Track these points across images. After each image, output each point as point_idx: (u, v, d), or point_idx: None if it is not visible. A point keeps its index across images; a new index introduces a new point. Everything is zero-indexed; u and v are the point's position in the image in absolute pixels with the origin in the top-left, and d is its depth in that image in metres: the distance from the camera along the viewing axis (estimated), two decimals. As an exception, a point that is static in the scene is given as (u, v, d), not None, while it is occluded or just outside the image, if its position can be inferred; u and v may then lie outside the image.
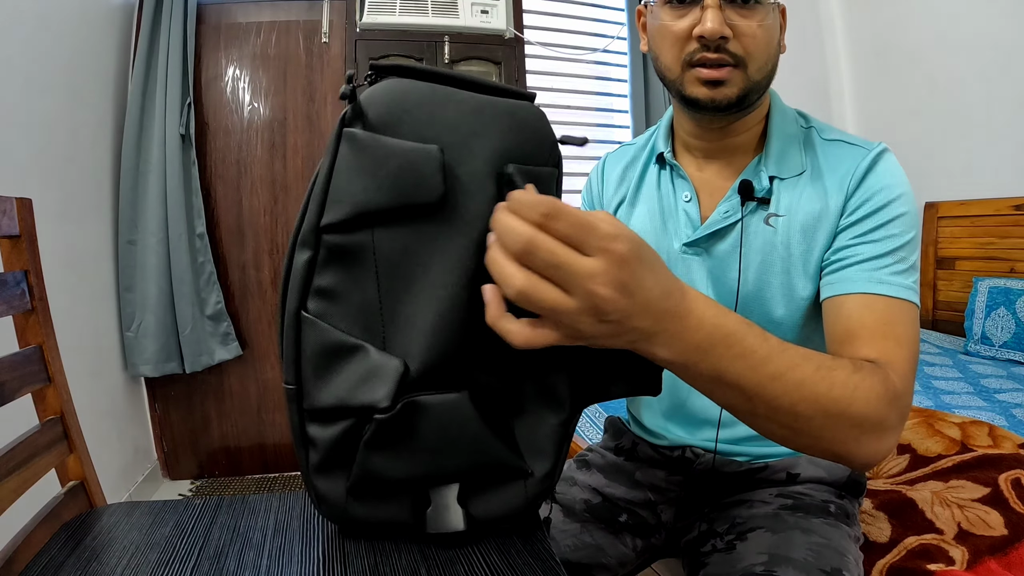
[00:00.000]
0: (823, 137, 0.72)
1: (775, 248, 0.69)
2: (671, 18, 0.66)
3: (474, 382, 0.44)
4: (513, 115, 0.45)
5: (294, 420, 0.44)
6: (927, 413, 1.37)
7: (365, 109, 0.41)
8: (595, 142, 2.60)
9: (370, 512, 0.45)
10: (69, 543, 0.52)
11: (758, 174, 0.71)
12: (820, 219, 0.67)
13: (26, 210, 0.61)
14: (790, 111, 0.74)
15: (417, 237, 0.41)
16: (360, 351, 0.42)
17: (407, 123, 0.42)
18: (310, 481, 0.45)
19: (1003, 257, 2.18)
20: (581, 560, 0.75)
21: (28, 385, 0.58)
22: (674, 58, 0.67)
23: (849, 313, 0.61)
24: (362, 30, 2.21)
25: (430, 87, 0.43)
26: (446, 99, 0.43)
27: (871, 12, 2.63)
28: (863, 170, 0.66)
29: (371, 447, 0.42)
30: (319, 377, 0.42)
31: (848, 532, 0.70)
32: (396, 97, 0.42)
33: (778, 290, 0.69)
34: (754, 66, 0.65)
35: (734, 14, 0.63)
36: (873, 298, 0.60)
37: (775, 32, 0.67)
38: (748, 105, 0.68)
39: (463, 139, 0.43)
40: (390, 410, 0.40)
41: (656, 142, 0.80)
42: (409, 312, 0.42)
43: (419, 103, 0.42)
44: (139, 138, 1.96)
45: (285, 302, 0.43)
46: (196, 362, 2.05)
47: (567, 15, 2.55)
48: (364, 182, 0.41)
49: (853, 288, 0.62)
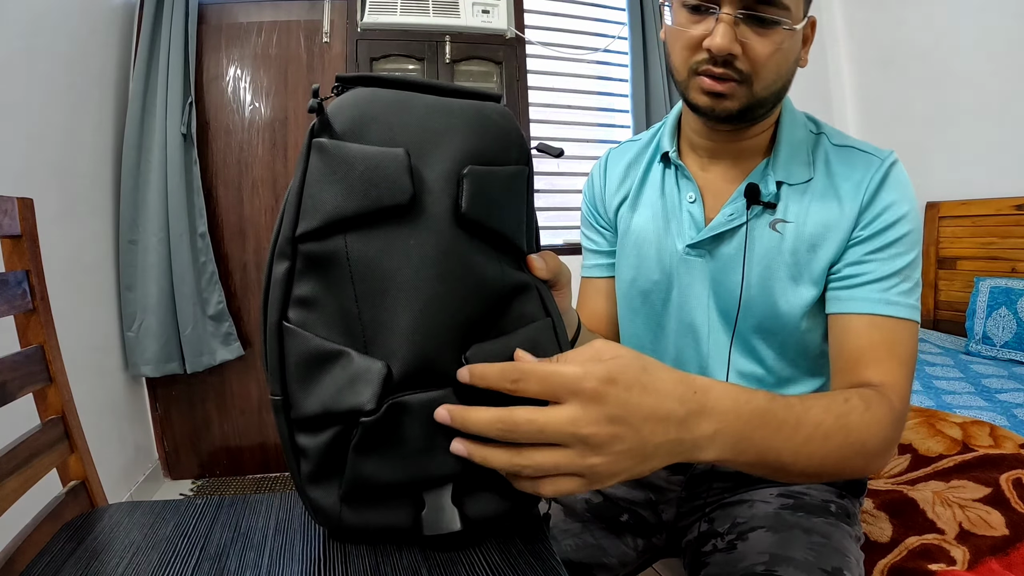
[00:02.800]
0: (833, 143, 0.71)
1: (780, 254, 0.69)
2: (686, 22, 0.65)
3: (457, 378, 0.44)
4: (478, 115, 0.46)
5: (283, 431, 0.44)
6: (928, 413, 1.37)
7: (332, 119, 0.42)
8: (595, 142, 2.60)
9: (365, 518, 0.45)
10: (70, 543, 0.52)
11: (765, 178, 0.70)
12: (831, 228, 0.67)
13: (27, 210, 0.61)
14: (800, 116, 0.74)
15: (388, 240, 0.42)
16: (343, 356, 0.42)
17: (373, 130, 0.42)
18: (304, 492, 0.45)
19: (1004, 257, 2.18)
20: (582, 560, 0.75)
21: (29, 385, 0.59)
22: (682, 62, 0.66)
23: (858, 333, 0.64)
24: (363, 30, 2.21)
25: (395, 93, 0.44)
26: (410, 103, 0.44)
27: (872, 12, 2.63)
28: (877, 182, 0.66)
29: (360, 451, 0.42)
30: (304, 386, 0.43)
31: (849, 532, 0.70)
32: (361, 105, 0.43)
33: (780, 295, 0.69)
34: (760, 84, 0.64)
35: (749, 31, 0.61)
36: (880, 319, 0.63)
37: (792, 53, 0.65)
38: (752, 118, 0.67)
39: (429, 141, 0.43)
40: (375, 412, 0.40)
41: (661, 140, 0.79)
42: (387, 314, 0.42)
43: (384, 109, 0.43)
44: (140, 138, 1.96)
45: (267, 314, 0.43)
46: (197, 362, 2.05)
47: (568, 15, 2.54)
48: (334, 189, 0.41)
49: (861, 308, 0.64)
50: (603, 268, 0.87)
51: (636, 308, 0.80)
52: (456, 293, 0.43)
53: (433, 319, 0.42)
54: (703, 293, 0.74)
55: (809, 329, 0.70)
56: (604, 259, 0.87)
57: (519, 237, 0.49)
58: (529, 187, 0.50)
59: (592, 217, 0.88)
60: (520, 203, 0.49)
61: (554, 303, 0.51)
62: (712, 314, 0.74)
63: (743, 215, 0.70)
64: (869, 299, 0.64)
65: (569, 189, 2.51)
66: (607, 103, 2.64)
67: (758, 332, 0.72)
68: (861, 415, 0.51)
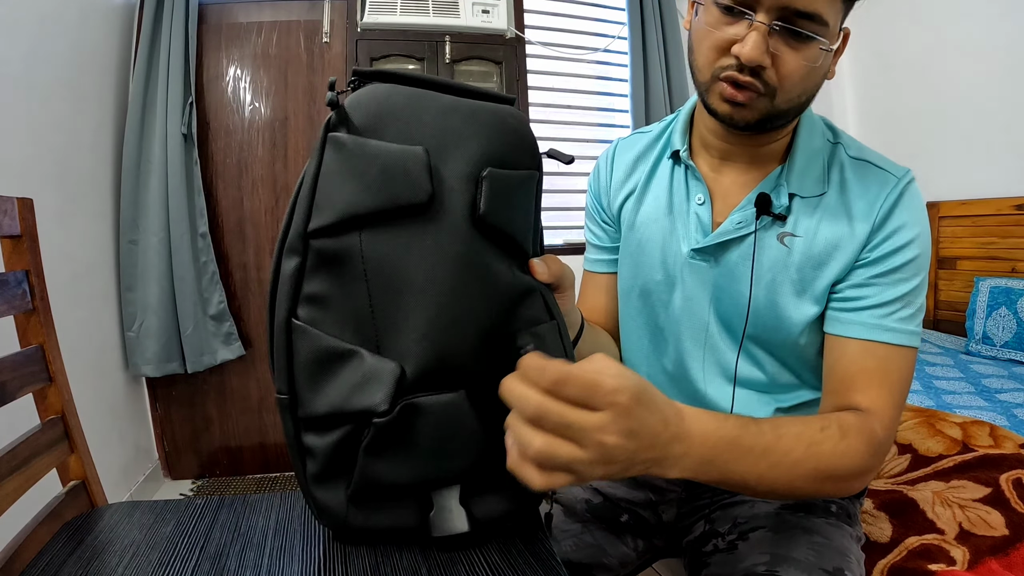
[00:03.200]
0: (849, 155, 0.68)
1: (786, 269, 0.67)
2: (717, 23, 0.60)
3: (470, 380, 0.44)
4: (495, 118, 0.45)
5: (289, 430, 0.43)
6: (928, 413, 1.37)
7: (350, 114, 0.42)
8: (595, 142, 2.60)
9: (372, 519, 0.45)
10: (70, 543, 0.52)
11: (777, 188, 0.67)
12: (840, 248, 0.65)
13: (27, 210, 0.61)
14: (819, 122, 0.71)
15: (404, 239, 0.41)
16: (355, 356, 0.41)
17: (392, 127, 0.42)
18: (309, 492, 0.44)
19: (1004, 257, 2.18)
20: (582, 560, 0.75)
21: (29, 385, 0.59)
22: (707, 64, 0.63)
23: (852, 358, 0.64)
24: (363, 30, 2.21)
25: (413, 91, 0.44)
26: (429, 103, 0.43)
27: (872, 12, 2.63)
28: (891, 203, 0.64)
29: (371, 452, 0.42)
30: (313, 385, 0.42)
31: (850, 532, 0.70)
32: (380, 101, 0.42)
33: (783, 309, 0.68)
34: (783, 97, 0.61)
35: (782, 44, 0.58)
36: (876, 345, 0.63)
37: (822, 70, 0.62)
38: (769, 128, 0.65)
39: (447, 141, 0.43)
40: (388, 413, 0.40)
41: (672, 136, 0.76)
42: (401, 314, 0.41)
43: (403, 107, 0.43)
44: (140, 138, 1.96)
45: (274, 310, 0.43)
46: (198, 362, 2.05)
47: (568, 15, 2.54)
48: (351, 185, 0.41)
49: (858, 333, 0.64)
50: (605, 263, 0.86)
51: (637, 307, 0.79)
52: (471, 295, 0.42)
53: (448, 320, 0.41)
54: (705, 298, 0.72)
55: (808, 344, 0.69)
56: (606, 254, 0.86)
57: (526, 241, 0.49)
58: (538, 191, 0.49)
59: (596, 211, 0.86)
60: (530, 207, 0.49)
61: (557, 306, 0.51)
62: (712, 320, 0.72)
63: (752, 224, 0.67)
64: (867, 324, 0.63)
65: (569, 189, 2.51)
66: (607, 103, 2.64)
67: (757, 342, 0.71)
68: (835, 444, 0.53)
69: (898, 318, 0.63)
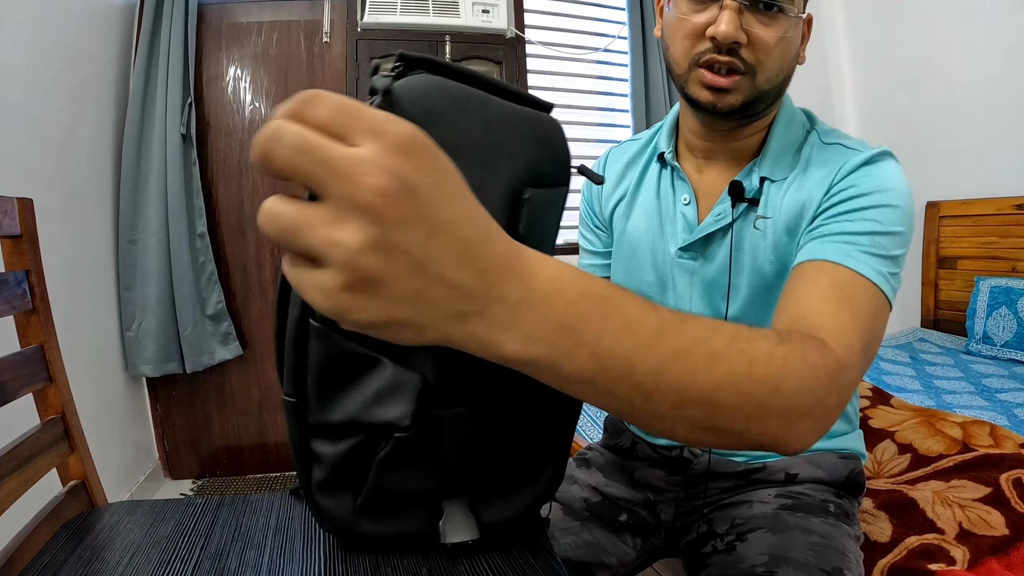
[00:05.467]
0: (823, 140, 0.69)
1: (764, 252, 0.68)
2: (688, 12, 0.63)
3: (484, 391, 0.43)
4: (539, 131, 0.43)
5: (295, 435, 0.42)
6: (928, 412, 1.37)
7: (399, 100, 0.37)
8: (595, 142, 2.59)
9: (379, 527, 0.44)
10: (70, 542, 0.52)
11: (750, 175, 0.69)
12: (801, 215, 0.65)
13: (27, 210, 0.61)
14: (799, 114, 0.72)
15: None
16: (377, 365, 0.39)
17: (439, 126, 0.37)
18: (313, 499, 0.43)
19: (1005, 256, 2.18)
20: (582, 558, 0.75)
21: (29, 385, 0.59)
22: (683, 53, 0.65)
23: (806, 277, 0.54)
24: (363, 30, 2.21)
25: (464, 90, 0.40)
26: (476, 104, 0.40)
27: (872, 12, 2.63)
28: (851, 166, 0.63)
29: (387, 465, 0.40)
30: (327, 391, 0.40)
31: (848, 531, 0.70)
32: (433, 96, 0.38)
33: (772, 292, 0.68)
34: (763, 76, 0.62)
35: (754, 20, 0.60)
36: (836, 266, 0.54)
37: (794, 45, 0.64)
38: (753, 113, 0.66)
39: (491, 151, 0.40)
40: (412, 428, 0.39)
41: (659, 141, 0.78)
42: None
43: (452, 106, 0.39)
44: (140, 138, 1.96)
45: (284, 309, 0.41)
46: (197, 362, 2.05)
47: (568, 15, 2.54)
48: None
49: (816, 255, 0.56)
50: (598, 268, 0.88)
51: None
52: None
53: None
54: (696, 295, 0.73)
55: None
56: (599, 259, 0.88)
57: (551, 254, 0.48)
58: (563, 207, 0.48)
59: (589, 218, 0.88)
60: (557, 223, 0.47)
61: None
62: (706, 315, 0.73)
63: (730, 214, 0.69)
64: (827, 249, 0.56)
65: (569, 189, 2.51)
66: (607, 103, 2.64)
67: None
68: (774, 346, 0.36)
69: (864, 251, 0.55)
